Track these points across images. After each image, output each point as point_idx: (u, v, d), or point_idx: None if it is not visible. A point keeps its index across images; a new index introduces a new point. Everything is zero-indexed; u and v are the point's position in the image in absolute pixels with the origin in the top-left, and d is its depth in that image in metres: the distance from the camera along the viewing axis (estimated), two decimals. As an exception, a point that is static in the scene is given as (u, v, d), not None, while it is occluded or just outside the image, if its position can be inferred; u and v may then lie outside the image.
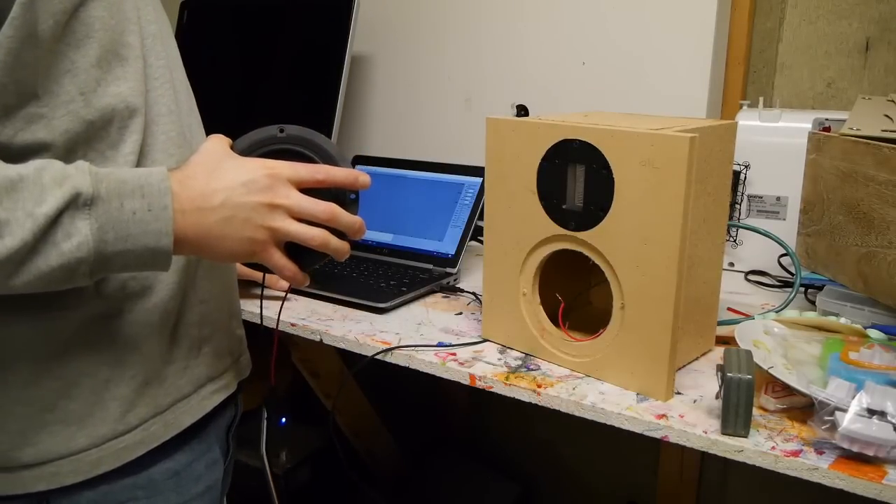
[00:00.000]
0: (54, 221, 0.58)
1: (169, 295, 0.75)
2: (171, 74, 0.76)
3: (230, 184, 0.68)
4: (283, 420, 1.00)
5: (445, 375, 0.96)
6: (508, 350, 1.00)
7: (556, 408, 0.87)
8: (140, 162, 0.71)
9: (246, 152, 0.75)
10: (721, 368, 0.77)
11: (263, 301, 0.98)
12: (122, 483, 0.74)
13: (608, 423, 0.84)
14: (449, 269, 1.28)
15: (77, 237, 0.59)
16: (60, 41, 0.64)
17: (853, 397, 0.74)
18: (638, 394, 0.87)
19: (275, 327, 0.99)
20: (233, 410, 0.90)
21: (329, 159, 0.76)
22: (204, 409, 0.80)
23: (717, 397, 0.78)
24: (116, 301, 0.71)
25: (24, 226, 0.57)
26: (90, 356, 0.70)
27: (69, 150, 0.66)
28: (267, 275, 0.88)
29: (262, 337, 0.97)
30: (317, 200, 0.71)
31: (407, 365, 0.99)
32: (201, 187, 0.67)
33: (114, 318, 0.71)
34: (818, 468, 0.73)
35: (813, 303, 1.15)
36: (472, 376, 0.93)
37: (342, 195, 0.75)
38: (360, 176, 0.75)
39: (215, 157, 0.70)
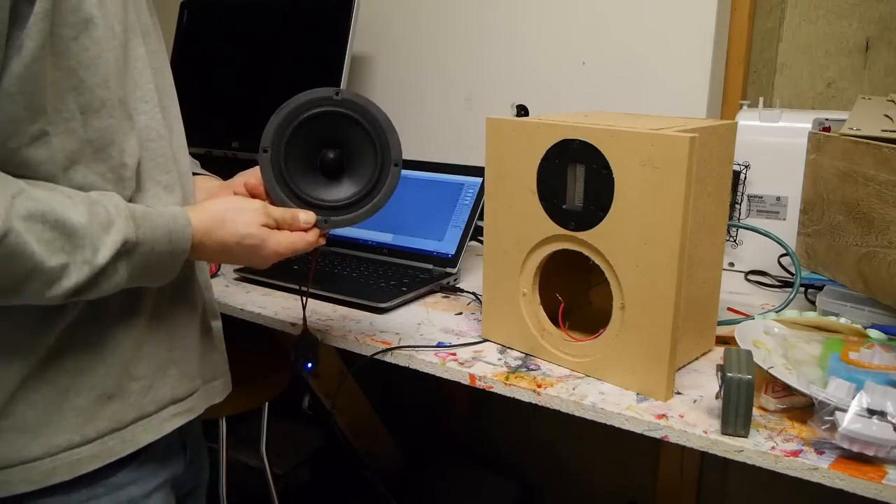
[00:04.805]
0: (104, 269, 0.66)
1: (139, 313, 0.75)
2: (159, 96, 0.76)
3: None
4: (310, 365, 1.02)
5: (445, 375, 0.96)
6: (508, 350, 1.00)
7: (556, 408, 0.87)
8: (136, 185, 0.72)
9: (302, 108, 0.84)
10: (721, 368, 0.77)
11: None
12: (80, 494, 0.72)
13: (608, 423, 0.84)
14: (449, 269, 1.28)
15: (116, 278, 0.68)
16: (71, 57, 0.64)
17: (853, 397, 0.74)
18: (638, 394, 0.87)
19: (308, 278, 1.04)
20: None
21: (377, 126, 0.85)
22: (164, 431, 0.79)
23: (717, 397, 0.78)
24: (89, 314, 0.71)
25: (81, 271, 0.65)
26: (55, 363, 0.70)
27: (65, 169, 0.66)
28: None
29: (260, 336, 0.97)
30: (290, 238, 0.81)
31: (407, 365, 0.99)
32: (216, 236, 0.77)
33: (82, 327, 0.71)
34: (818, 468, 0.73)
35: (813, 303, 1.15)
36: (472, 376, 0.93)
37: (387, 161, 0.86)
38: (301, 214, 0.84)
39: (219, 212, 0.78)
